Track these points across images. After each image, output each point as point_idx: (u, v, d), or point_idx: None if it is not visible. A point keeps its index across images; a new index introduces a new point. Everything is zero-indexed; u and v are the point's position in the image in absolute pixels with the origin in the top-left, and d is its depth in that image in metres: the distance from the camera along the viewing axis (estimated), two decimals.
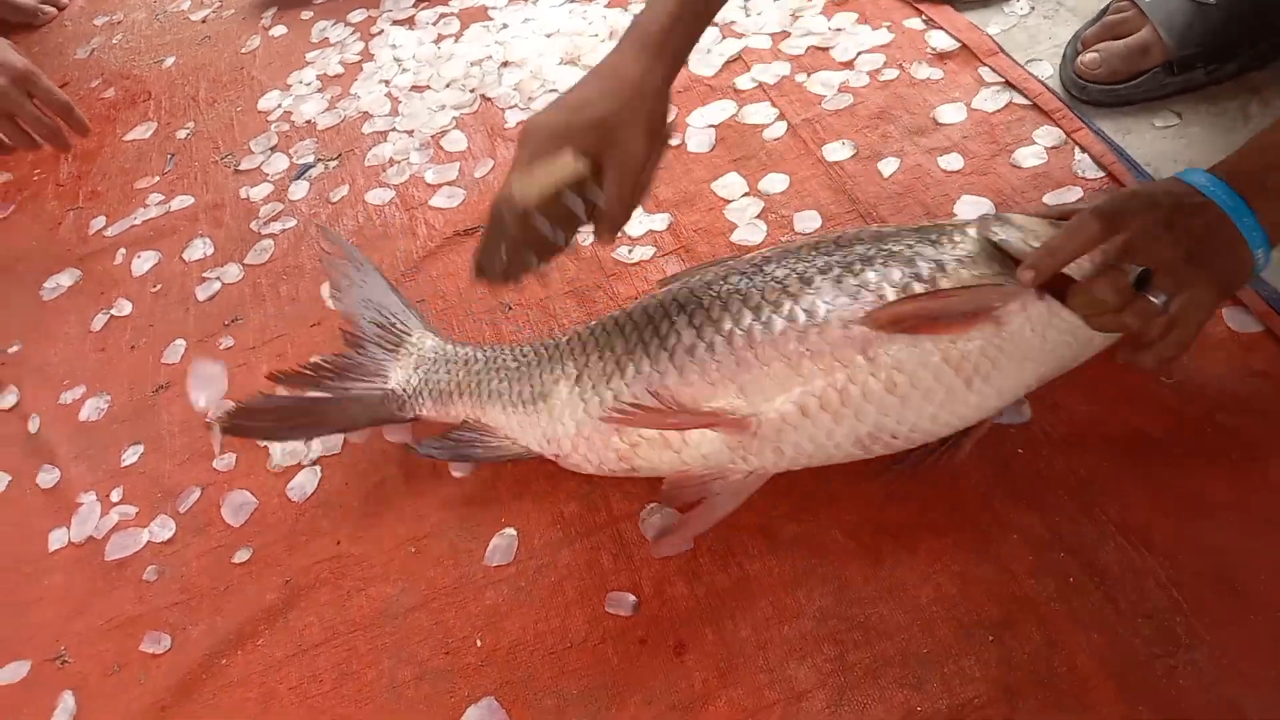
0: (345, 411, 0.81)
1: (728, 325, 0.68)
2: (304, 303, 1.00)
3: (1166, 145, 0.90)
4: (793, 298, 0.68)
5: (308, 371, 0.81)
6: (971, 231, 0.69)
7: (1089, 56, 0.94)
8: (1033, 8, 1.08)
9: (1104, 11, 0.98)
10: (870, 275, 0.67)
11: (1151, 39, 0.91)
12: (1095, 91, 0.94)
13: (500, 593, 0.73)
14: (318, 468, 0.84)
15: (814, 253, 0.71)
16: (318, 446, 0.85)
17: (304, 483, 0.83)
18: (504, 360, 0.78)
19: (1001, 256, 0.67)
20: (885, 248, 0.69)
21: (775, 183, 0.97)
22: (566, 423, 0.73)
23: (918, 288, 0.66)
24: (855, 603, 0.67)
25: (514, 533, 0.76)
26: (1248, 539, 0.64)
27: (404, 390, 0.80)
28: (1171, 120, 0.92)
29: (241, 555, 0.80)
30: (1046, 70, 1.00)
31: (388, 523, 0.79)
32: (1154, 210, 0.61)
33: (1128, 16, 0.94)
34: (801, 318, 0.67)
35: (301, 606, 0.76)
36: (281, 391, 0.81)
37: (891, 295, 0.66)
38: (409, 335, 0.83)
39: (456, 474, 0.80)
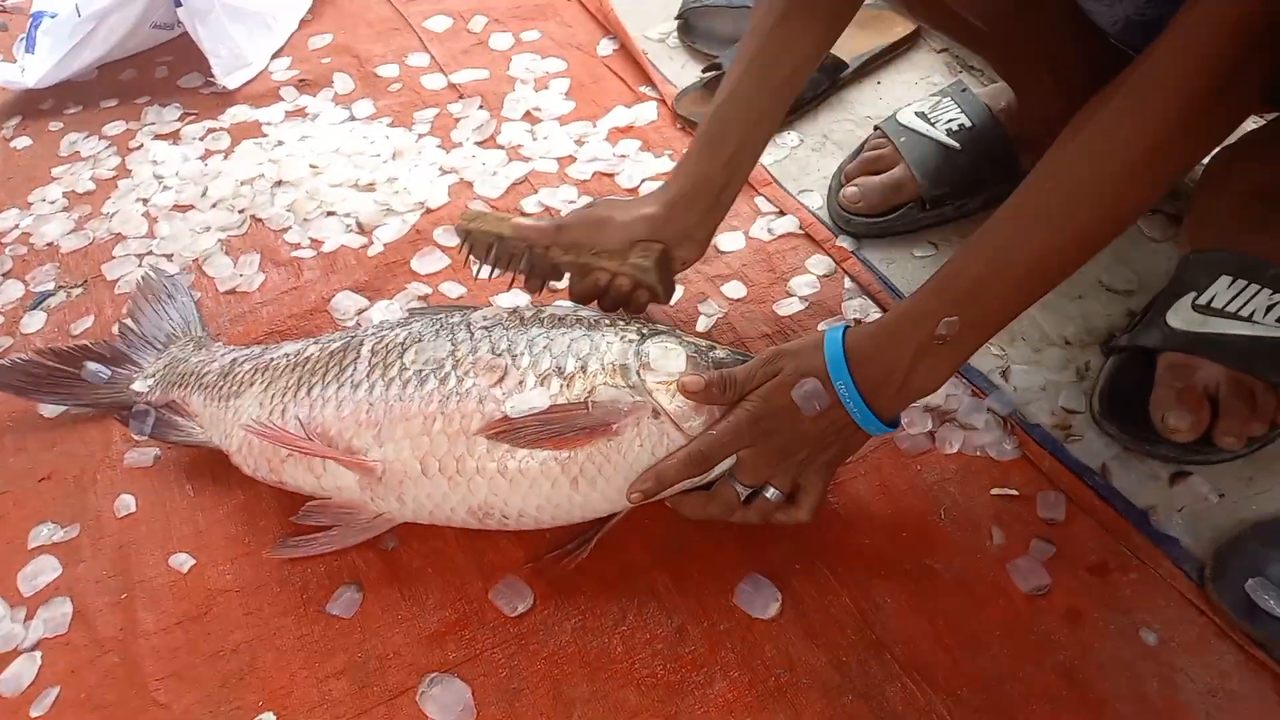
0: (87, 387, 0.88)
1: (393, 373, 0.74)
2: (33, 453, 0.88)
3: (925, 273, 0.95)
4: (457, 364, 0.73)
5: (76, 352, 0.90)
6: (632, 338, 0.74)
7: (850, 190, 0.99)
8: (802, 140, 1.14)
9: (863, 146, 1.05)
10: (524, 360, 0.72)
11: (905, 177, 0.97)
12: (858, 223, 0.99)
13: None
14: (37, 653, 0.72)
15: (523, 328, 0.76)
16: (39, 628, 0.74)
17: (20, 673, 0.71)
18: (227, 360, 0.84)
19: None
20: (559, 334, 0.74)
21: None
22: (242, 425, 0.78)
23: (555, 383, 0.71)
24: None
25: (272, 717, 0.67)
26: (1019, 665, 0.66)
27: (145, 381, 0.87)
28: (929, 250, 0.98)
29: None
30: (816, 201, 1.05)
31: (121, 717, 0.69)
32: (767, 435, 0.69)
33: (884, 153, 1.00)
34: (451, 383, 0.72)
35: None
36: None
37: (531, 383, 0.71)
38: (179, 339, 0.92)
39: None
